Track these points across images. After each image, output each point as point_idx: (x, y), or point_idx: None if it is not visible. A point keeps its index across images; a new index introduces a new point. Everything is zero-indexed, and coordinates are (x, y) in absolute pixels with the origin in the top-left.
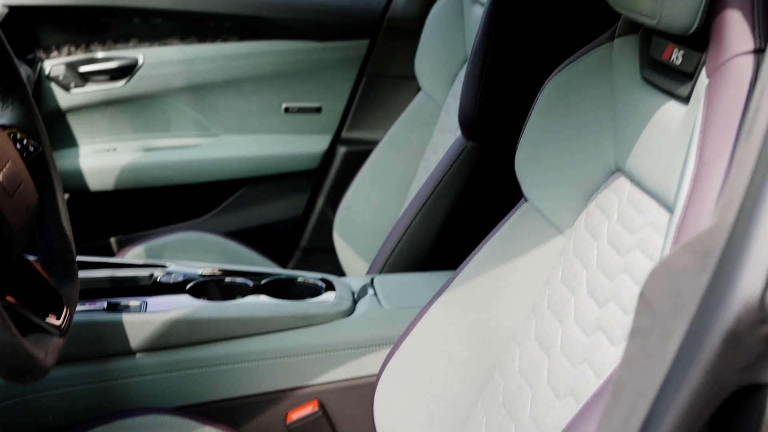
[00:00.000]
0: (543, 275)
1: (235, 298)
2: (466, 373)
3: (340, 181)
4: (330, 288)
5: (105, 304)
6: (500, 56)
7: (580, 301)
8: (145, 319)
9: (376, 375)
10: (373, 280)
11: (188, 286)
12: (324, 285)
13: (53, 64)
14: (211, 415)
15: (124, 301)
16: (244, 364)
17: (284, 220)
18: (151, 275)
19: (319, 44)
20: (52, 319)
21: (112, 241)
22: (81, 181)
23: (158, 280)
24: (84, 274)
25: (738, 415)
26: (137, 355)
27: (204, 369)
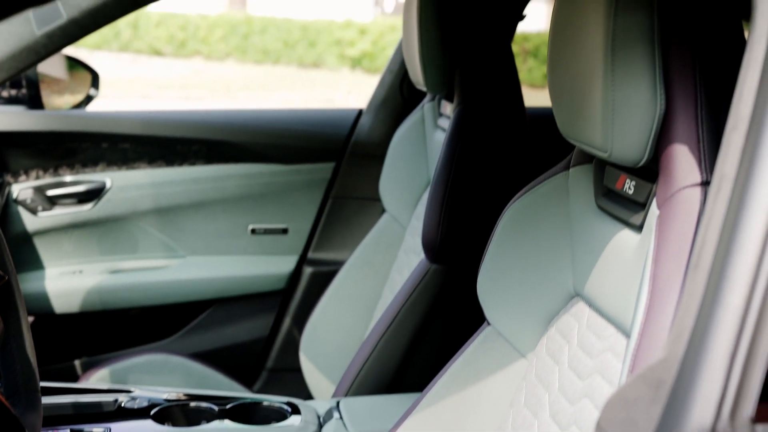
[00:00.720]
0: (506, 399)
1: (200, 424)
2: None
3: (306, 301)
4: (296, 412)
5: None
6: (462, 181)
7: (543, 426)
8: None
9: None
10: (339, 403)
11: (153, 412)
12: (289, 409)
13: (21, 188)
14: None
15: (87, 428)
16: None
17: (251, 341)
18: (116, 400)
19: (286, 167)
20: None
21: (77, 363)
22: (46, 304)
23: (123, 405)
24: (47, 401)
25: None
26: None
27: None
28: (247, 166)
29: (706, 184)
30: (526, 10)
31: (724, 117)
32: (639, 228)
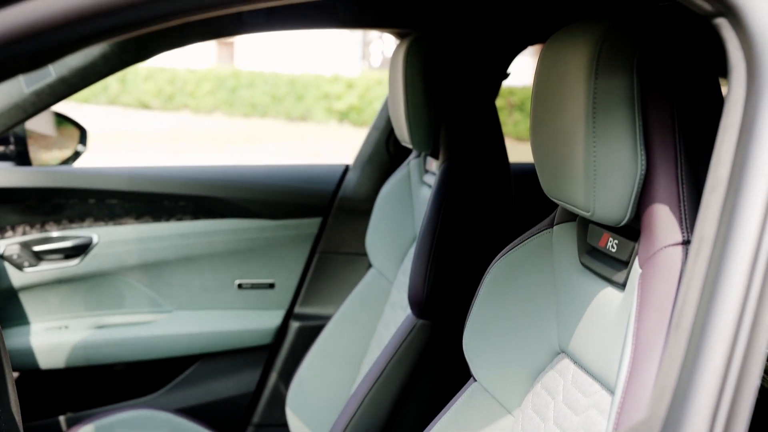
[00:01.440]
0: None
1: None
2: None
3: (293, 356)
4: None
5: None
6: (448, 237)
7: None
8: None
9: None
10: None
11: None
12: None
13: (8, 244)
14: None
15: None
16: None
17: (237, 396)
18: None
19: (272, 222)
20: None
21: (62, 419)
22: (31, 360)
23: None
24: None
25: None
26: None
27: None
28: (233, 221)
29: (687, 243)
30: (511, 67)
31: (704, 176)
32: (622, 286)
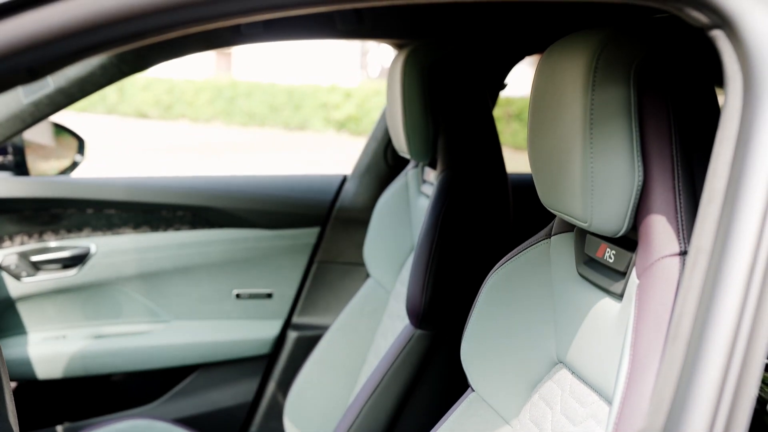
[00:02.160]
0: None
1: None
2: None
3: (290, 366)
4: None
5: None
6: (445, 247)
7: None
8: None
9: None
10: None
11: None
12: None
13: (5, 254)
14: None
15: None
16: None
17: (235, 406)
18: None
19: (270, 232)
20: None
21: (59, 429)
22: (29, 370)
23: None
24: None
25: None
26: None
27: None
28: (231, 231)
29: (684, 254)
30: (509, 77)
31: (701, 187)
32: (620, 296)
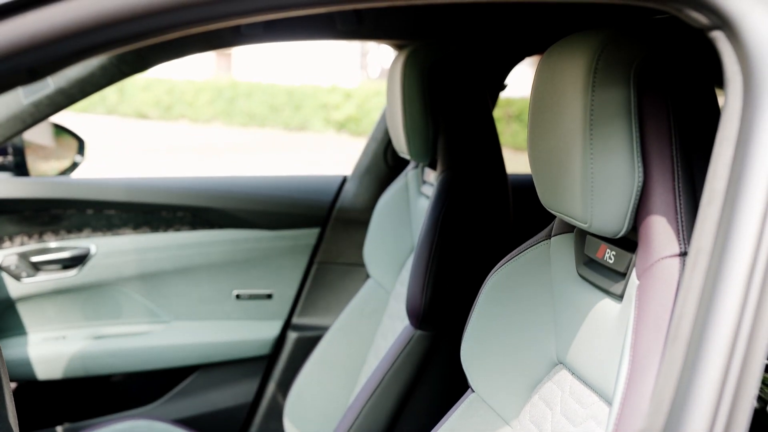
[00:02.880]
0: None
1: None
2: None
3: (290, 366)
4: None
5: None
6: (446, 248)
7: None
8: None
9: None
10: None
11: None
12: None
13: (5, 255)
14: None
15: None
16: None
17: (235, 407)
18: None
19: (270, 233)
20: None
21: (59, 430)
22: (29, 370)
23: None
24: None
25: None
26: None
27: None
28: (231, 231)
29: (684, 255)
30: (509, 78)
31: (701, 188)
32: (620, 297)
